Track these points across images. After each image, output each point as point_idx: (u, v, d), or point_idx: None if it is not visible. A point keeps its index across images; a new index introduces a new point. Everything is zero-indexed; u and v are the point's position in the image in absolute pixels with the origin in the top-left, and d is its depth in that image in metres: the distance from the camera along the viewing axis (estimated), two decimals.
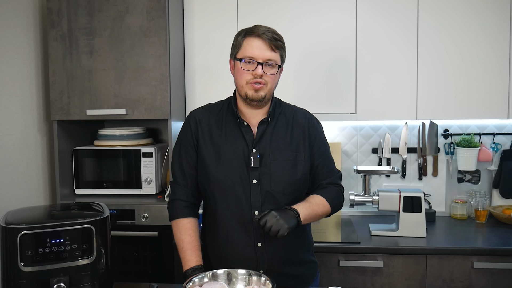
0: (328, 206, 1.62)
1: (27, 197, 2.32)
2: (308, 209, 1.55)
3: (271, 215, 1.44)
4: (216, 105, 1.71)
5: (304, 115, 1.71)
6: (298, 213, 1.50)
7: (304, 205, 1.56)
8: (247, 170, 1.57)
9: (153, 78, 2.31)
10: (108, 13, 2.31)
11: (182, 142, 1.67)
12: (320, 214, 1.61)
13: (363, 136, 2.82)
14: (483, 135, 2.71)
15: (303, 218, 1.51)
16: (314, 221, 1.62)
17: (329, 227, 2.53)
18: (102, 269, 1.44)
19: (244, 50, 1.55)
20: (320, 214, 1.61)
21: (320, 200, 1.61)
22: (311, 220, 1.59)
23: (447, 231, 2.44)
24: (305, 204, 1.57)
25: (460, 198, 2.71)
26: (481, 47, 2.41)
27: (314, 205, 1.58)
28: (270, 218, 1.43)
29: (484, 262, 2.13)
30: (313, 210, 1.57)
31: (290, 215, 1.47)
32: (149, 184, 2.45)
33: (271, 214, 1.44)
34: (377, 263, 2.17)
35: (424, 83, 2.45)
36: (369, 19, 2.46)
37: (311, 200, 1.60)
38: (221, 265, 1.57)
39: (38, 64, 2.42)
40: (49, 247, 1.34)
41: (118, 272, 2.35)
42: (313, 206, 1.58)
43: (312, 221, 1.61)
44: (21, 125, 2.29)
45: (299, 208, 1.52)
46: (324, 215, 1.64)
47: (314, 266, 1.75)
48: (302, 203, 1.57)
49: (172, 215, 1.63)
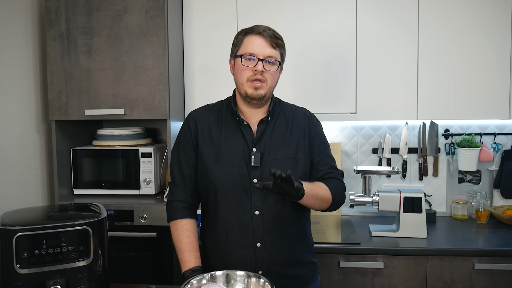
0: (329, 193, 1.57)
1: (25, 198, 2.31)
2: (310, 186, 1.49)
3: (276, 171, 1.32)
4: (216, 105, 1.70)
5: (303, 113, 1.70)
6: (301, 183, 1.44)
7: (306, 182, 1.49)
8: (248, 169, 1.56)
9: (152, 78, 2.30)
10: (107, 13, 2.30)
11: (181, 143, 1.66)
12: (321, 197, 1.53)
13: (363, 136, 2.81)
14: (484, 135, 2.70)
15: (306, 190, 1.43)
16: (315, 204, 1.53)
17: (329, 227, 2.51)
18: (99, 270, 1.43)
19: (245, 47, 1.55)
20: (321, 197, 1.53)
21: (322, 184, 1.57)
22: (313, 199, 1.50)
23: (447, 232, 2.42)
24: (307, 182, 1.51)
25: (461, 199, 2.69)
26: (482, 47, 2.40)
27: (315, 185, 1.53)
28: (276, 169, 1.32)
29: (485, 263, 2.11)
30: (315, 188, 1.51)
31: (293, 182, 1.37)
32: (148, 185, 2.44)
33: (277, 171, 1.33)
34: (377, 264, 2.16)
35: (425, 82, 2.44)
36: (369, 18, 2.45)
37: (314, 182, 1.56)
38: (220, 265, 1.56)
39: (36, 63, 2.40)
40: (46, 249, 1.33)
41: (117, 273, 2.33)
42: (315, 185, 1.53)
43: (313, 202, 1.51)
44: (19, 125, 2.27)
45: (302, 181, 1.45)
46: (324, 202, 1.56)
47: (314, 267, 1.73)
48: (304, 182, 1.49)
49: (171, 216, 1.62)
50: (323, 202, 1.57)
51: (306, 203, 1.51)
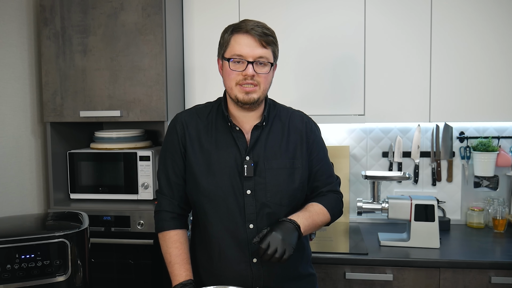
0: (328, 215, 1.51)
1: (19, 203, 2.23)
2: (308, 220, 1.43)
3: (273, 236, 1.31)
4: (205, 108, 1.57)
5: (301, 118, 1.57)
6: (298, 225, 1.38)
7: (303, 215, 1.43)
8: (240, 180, 1.44)
9: (149, 78, 2.20)
10: (102, 10, 2.21)
11: (168, 149, 1.54)
12: (320, 224, 1.49)
13: (372, 139, 2.67)
14: (502, 139, 2.54)
15: (303, 230, 1.40)
16: (312, 231, 1.51)
17: (336, 235, 2.39)
18: (79, 286, 1.32)
19: (232, 48, 1.41)
20: (320, 224, 1.49)
21: (319, 208, 1.49)
22: (311, 231, 1.47)
23: (462, 242, 2.28)
24: (305, 214, 1.44)
25: (477, 206, 2.55)
26: (499, 45, 2.24)
27: (314, 214, 1.46)
28: (273, 239, 1.31)
29: (503, 276, 1.97)
30: (313, 220, 1.45)
31: (291, 230, 1.35)
32: (146, 189, 2.34)
33: (273, 235, 1.32)
34: (386, 276, 2.03)
35: (438, 83, 2.29)
36: (378, 16, 2.32)
37: (311, 209, 1.48)
38: (213, 282, 1.45)
39: (31, 63, 2.32)
40: (18, 263, 1.23)
41: (117, 280, 2.25)
42: (313, 216, 1.46)
43: (311, 231, 1.49)
44: (13, 127, 2.20)
45: (298, 219, 1.40)
46: (323, 225, 1.52)
47: (313, 279, 1.62)
48: (301, 212, 1.45)
49: (158, 227, 1.51)
50: (322, 226, 1.52)
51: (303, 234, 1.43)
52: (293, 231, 1.36)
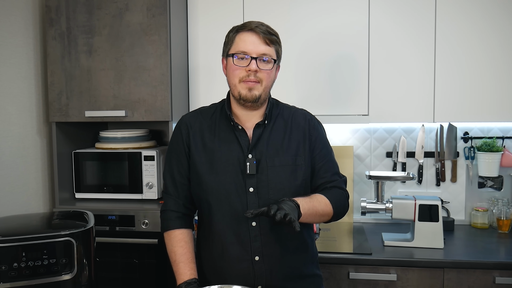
0: (330, 207, 1.47)
1: (24, 202, 2.24)
2: (308, 204, 1.40)
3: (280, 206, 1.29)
4: (209, 109, 1.59)
5: (303, 115, 1.58)
6: (297, 204, 1.35)
7: (304, 199, 1.41)
8: (243, 177, 1.45)
9: (154, 78, 2.21)
10: (108, 11, 2.22)
11: (173, 150, 1.56)
12: (321, 212, 1.44)
13: (376, 139, 2.67)
14: (506, 139, 2.53)
15: (303, 212, 1.35)
16: (314, 220, 1.46)
17: (340, 234, 2.39)
18: (85, 284, 1.33)
19: (236, 45, 1.44)
20: (321, 212, 1.44)
21: (322, 198, 1.47)
22: (311, 217, 1.42)
23: (466, 242, 2.27)
24: (305, 198, 1.42)
25: (481, 206, 2.54)
26: (503, 46, 2.24)
27: (315, 201, 1.43)
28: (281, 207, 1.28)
29: (507, 277, 1.96)
30: (313, 205, 1.42)
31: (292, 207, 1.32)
32: (150, 189, 2.35)
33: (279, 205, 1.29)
34: (390, 276, 2.03)
35: (442, 82, 2.29)
36: (382, 16, 2.32)
37: (312, 196, 1.46)
38: (217, 280, 1.46)
39: (37, 64, 2.34)
40: (25, 262, 1.24)
41: (121, 279, 2.26)
42: (314, 202, 1.43)
43: (312, 219, 1.44)
44: (18, 127, 2.21)
45: (298, 201, 1.37)
46: (325, 216, 1.47)
47: (318, 281, 1.61)
48: (302, 197, 1.42)
49: (164, 226, 1.53)
50: (323, 217, 1.47)
51: (303, 221, 1.39)
52: (294, 208, 1.33)
